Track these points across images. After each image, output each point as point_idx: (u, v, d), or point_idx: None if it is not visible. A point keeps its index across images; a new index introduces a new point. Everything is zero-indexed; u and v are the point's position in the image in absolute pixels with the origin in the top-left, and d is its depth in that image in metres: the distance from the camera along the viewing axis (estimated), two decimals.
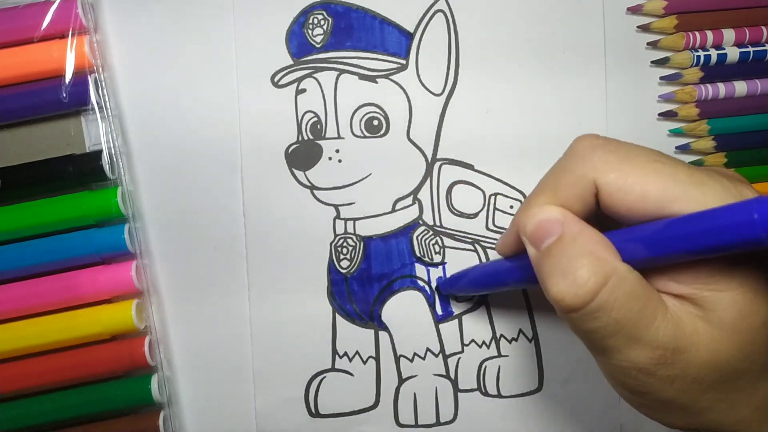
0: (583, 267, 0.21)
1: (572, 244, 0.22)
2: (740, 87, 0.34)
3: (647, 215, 0.22)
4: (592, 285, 0.21)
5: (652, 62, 0.35)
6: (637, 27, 0.34)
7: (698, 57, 0.34)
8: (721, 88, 0.34)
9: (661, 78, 0.35)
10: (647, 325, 0.21)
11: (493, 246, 0.34)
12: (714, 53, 0.34)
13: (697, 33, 0.34)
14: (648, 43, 0.34)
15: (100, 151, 0.33)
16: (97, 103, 0.33)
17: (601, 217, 0.24)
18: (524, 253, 0.24)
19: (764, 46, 0.34)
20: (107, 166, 0.33)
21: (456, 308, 0.35)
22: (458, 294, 0.34)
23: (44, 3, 0.32)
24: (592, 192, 0.23)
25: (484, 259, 0.35)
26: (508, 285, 0.28)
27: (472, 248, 0.35)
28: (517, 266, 0.27)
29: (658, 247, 0.21)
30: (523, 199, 0.34)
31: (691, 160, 0.35)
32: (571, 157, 0.24)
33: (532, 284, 0.25)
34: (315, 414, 0.35)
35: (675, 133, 0.35)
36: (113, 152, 0.33)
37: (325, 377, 0.35)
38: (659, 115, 0.35)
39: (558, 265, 0.22)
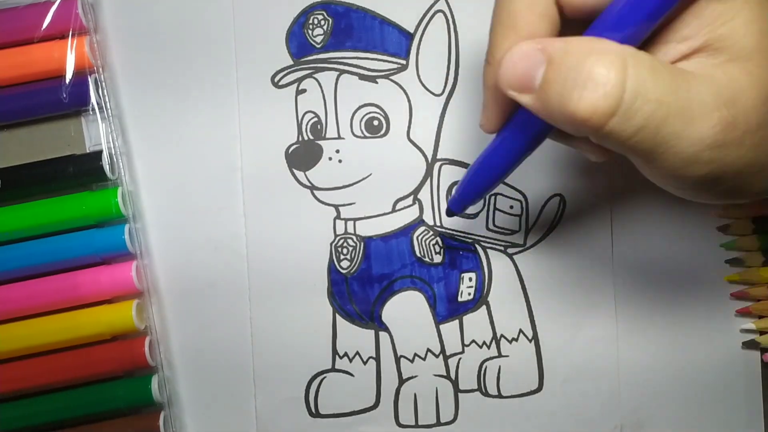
0: (595, 65, 0.19)
1: (567, 56, 0.20)
2: None
3: None
4: (615, 76, 0.19)
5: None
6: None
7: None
8: None
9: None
10: (689, 93, 0.19)
11: (493, 246, 0.34)
12: None
13: None
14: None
15: (100, 152, 0.33)
16: (97, 104, 0.33)
17: (570, 31, 0.22)
18: (516, 115, 0.22)
19: None
20: (107, 166, 0.33)
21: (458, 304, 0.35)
22: (470, 201, 0.29)
23: (44, 3, 0.32)
24: (551, 3, 0.21)
25: (484, 260, 0.34)
26: (516, 160, 0.25)
27: (473, 248, 0.35)
28: (515, 132, 0.24)
29: (647, 9, 0.19)
30: (522, 200, 0.34)
31: None
32: None
33: (539, 141, 0.23)
34: (315, 414, 0.35)
35: None
36: (113, 152, 0.33)
37: (325, 377, 0.35)
38: None
39: (567, 84, 0.19)
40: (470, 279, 0.34)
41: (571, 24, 0.22)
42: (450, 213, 0.30)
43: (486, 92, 0.24)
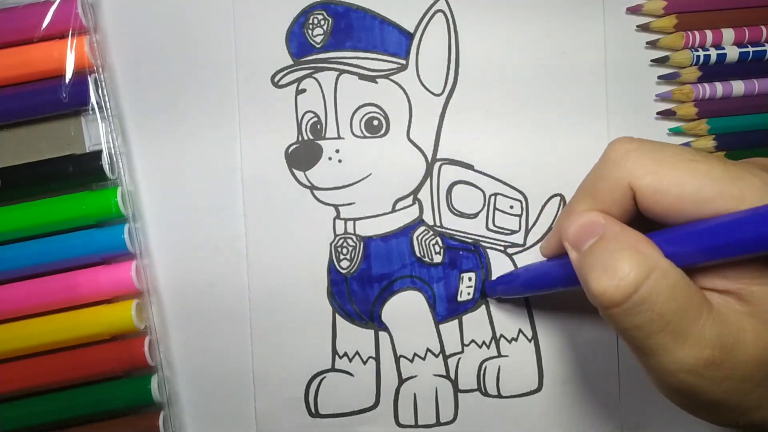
0: (624, 260, 0.21)
1: (613, 240, 0.22)
2: (738, 87, 0.34)
3: (685, 216, 0.22)
4: (633, 277, 0.21)
5: (651, 61, 0.35)
6: (637, 27, 0.34)
7: (698, 56, 0.34)
8: (719, 88, 0.34)
9: (659, 77, 0.35)
10: (693, 322, 0.21)
11: (493, 246, 0.35)
12: (714, 52, 0.34)
13: (696, 32, 0.34)
14: (647, 43, 0.34)
15: (100, 151, 0.33)
16: (97, 103, 0.33)
17: (642, 221, 0.24)
18: (566, 256, 0.25)
19: (764, 45, 0.34)
20: (107, 166, 0.33)
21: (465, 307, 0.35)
22: (503, 296, 0.34)
23: (44, 3, 0.32)
24: (629, 196, 0.23)
25: (484, 260, 0.35)
26: (553, 287, 0.29)
27: (473, 248, 0.35)
28: (560, 266, 0.27)
29: (701, 247, 0.21)
30: (522, 200, 0.34)
31: None
32: (605, 163, 0.24)
33: (575, 285, 0.25)
34: (315, 414, 0.35)
35: (674, 132, 0.35)
36: (113, 152, 0.33)
37: (325, 377, 0.35)
38: (657, 114, 0.35)
39: (599, 262, 0.22)
40: (470, 279, 0.35)
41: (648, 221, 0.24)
42: (483, 294, 0.35)
43: (555, 230, 0.28)
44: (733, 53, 0.34)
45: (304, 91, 0.34)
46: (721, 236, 0.21)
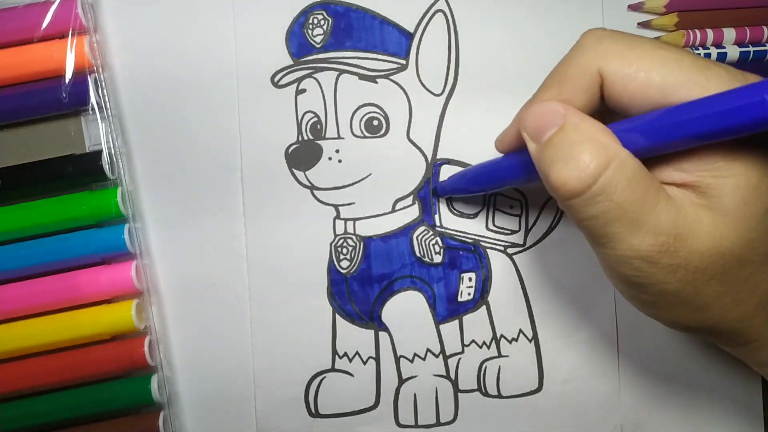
0: (584, 152, 0.21)
1: (574, 131, 0.22)
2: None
3: (651, 104, 0.22)
4: (593, 168, 0.21)
5: None
6: (638, 24, 0.34)
7: (698, 55, 0.34)
8: None
9: None
10: (649, 210, 0.21)
11: (493, 246, 0.34)
12: (714, 51, 0.34)
13: (697, 31, 0.34)
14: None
15: (100, 151, 0.33)
16: (97, 103, 0.33)
17: (605, 114, 0.24)
18: (524, 149, 0.24)
19: (765, 45, 0.34)
20: (107, 166, 0.33)
21: (456, 304, 0.35)
22: (456, 195, 0.33)
23: (44, 3, 0.32)
24: (596, 83, 0.23)
25: (484, 260, 0.34)
26: (508, 182, 0.28)
27: (473, 248, 0.34)
28: (516, 162, 0.27)
29: (662, 133, 0.21)
30: (522, 200, 0.34)
31: None
32: (576, 49, 0.24)
33: (532, 180, 0.25)
34: (315, 414, 0.35)
35: None
36: (113, 152, 0.33)
37: (325, 377, 0.35)
38: None
39: (559, 153, 0.22)
40: (470, 279, 0.34)
41: (610, 113, 0.24)
42: (435, 192, 0.34)
43: (514, 121, 0.26)
44: (733, 53, 0.34)
45: (304, 91, 0.34)
46: (679, 123, 0.21)
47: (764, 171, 0.22)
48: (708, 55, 0.34)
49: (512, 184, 0.28)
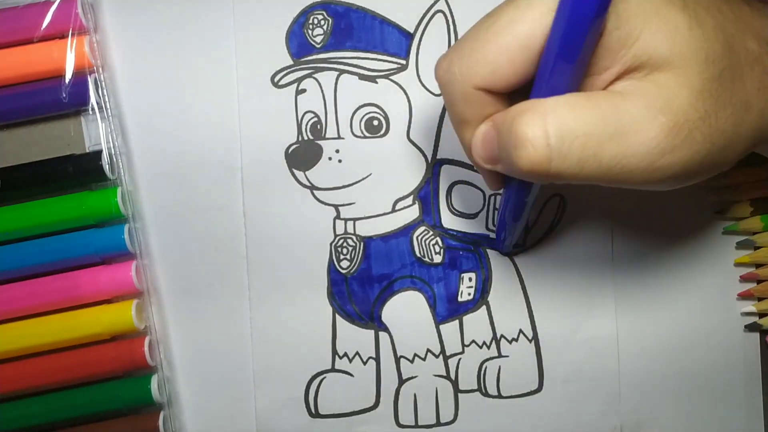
0: (519, 127, 0.21)
1: (504, 124, 0.22)
2: None
3: (531, 60, 0.22)
4: (537, 129, 0.21)
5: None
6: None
7: None
8: None
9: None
10: (618, 116, 0.21)
11: (493, 246, 0.35)
12: None
13: None
14: None
15: (100, 151, 0.33)
16: (97, 103, 0.33)
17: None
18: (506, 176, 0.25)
19: None
20: (107, 166, 0.33)
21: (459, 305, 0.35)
22: (512, 239, 0.33)
23: (44, 3, 0.32)
24: (483, 94, 0.23)
25: (484, 260, 0.34)
26: (524, 204, 0.28)
27: (472, 248, 0.34)
28: (513, 184, 0.27)
29: (565, 58, 0.21)
30: None
31: None
32: (443, 89, 0.25)
33: (532, 188, 0.26)
34: (315, 414, 0.35)
35: None
36: (113, 152, 0.33)
37: (325, 378, 0.35)
38: None
39: (509, 148, 0.22)
40: (470, 279, 0.34)
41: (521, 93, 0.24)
42: (506, 253, 0.34)
43: (478, 167, 0.26)
44: None
45: (304, 91, 0.34)
46: (564, 39, 0.20)
47: (652, 3, 0.21)
48: None
49: (528, 204, 0.28)
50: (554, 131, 0.21)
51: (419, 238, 0.34)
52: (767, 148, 0.26)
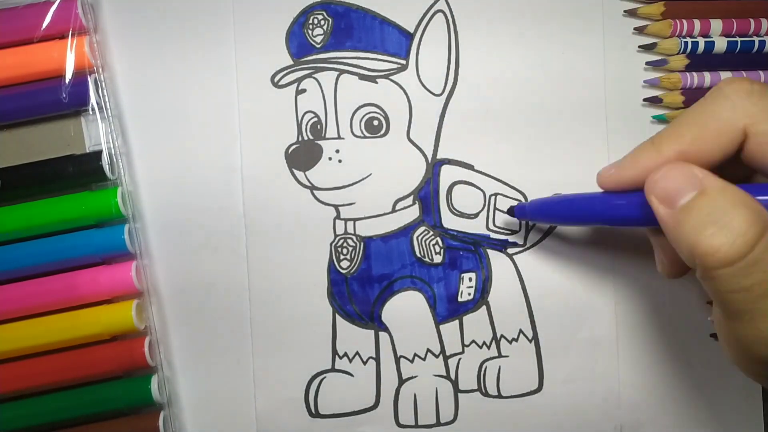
0: (739, 217, 0.20)
1: (721, 196, 0.21)
2: (726, 77, 0.34)
3: None
4: (751, 235, 0.20)
5: (639, 47, 0.34)
6: (624, 12, 0.34)
7: (686, 44, 0.34)
8: (707, 77, 0.34)
9: (647, 63, 0.35)
10: None
11: (493, 246, 0.34)
12: (701, 41, 0.34)
13: (684, 21, 0.34)
14: (635, 29, 0.34)
15: (100, 152, 0.33)
16: (97, 104, 0.33)
17: (728, 170, 0.23)
18: (634, 197, 0.23)
19: (752, 37, 0.34)
20: (107, 166, 0.33)
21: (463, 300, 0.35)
22: (536, 221, 0.32)
23: (44, 3, 0.32)
24: (738, 140, 0.22)
25: (484, 260, 0.34)
26: (609, 222, 0.27)
27: (472, 248, 0.34)
28: (632, 204, 0.25)
29: None
30: (522, 199, 0.34)
31: None
32: (718, 101, 0.22)
33: (639, 225, 0.24)
34: (315, 414, 0.35)
35: (658, 119, 0.35)
36: (113, 152, 0.33)
37: (325, 378, 0.35)
38: (644, 100, 0.35)
39: (709, 217, 0.21)
40: (470, 279, 0.34)
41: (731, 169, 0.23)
42: (511, 213, 0.32)
43: (630, 163, 0.25)
44: (721, 44, 0.34)
45: (304, 91, 0.34)
46: None
47: None
48: (695, 45, 0.34)
49: (606, 223, 0.27)
50: (760, 251, 0.20)
51: (419, 238, 0.34)
52: None
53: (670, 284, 0.35)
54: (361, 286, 0.34)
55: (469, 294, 0.34)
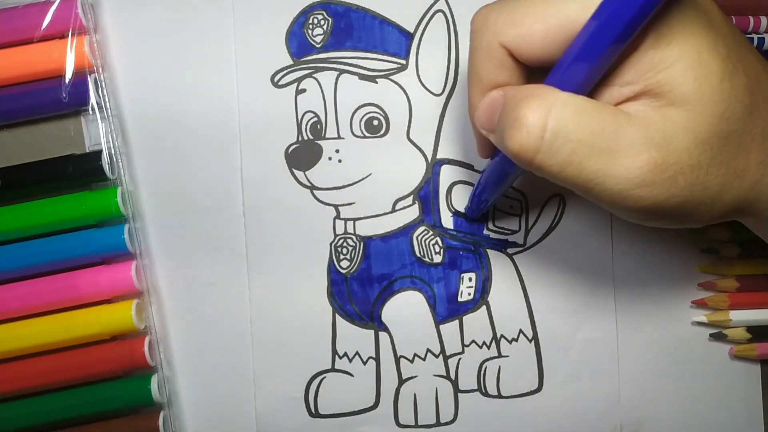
0: (521, 109, 0.22)
1: (510, 101, 0.23)
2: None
3: (562, 43, 0.22)
4: (537, 118, 0.21)
5: None
6: None
7: None
8: None
9: None
10: (615, 135, 0.21)
11: (493, 246, 0.35)
12: None
13: None
14: None
15: (100, 151, 0.33)
16: (97, 103, 0.33)
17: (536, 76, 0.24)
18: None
19: (751, 35, 0.34)
20: (107, 166, 0.33)
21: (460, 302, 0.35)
22: (480, 208, 0.33)
23: (44, 3, 0.32)
24: (506, 55, 0.24)
25: (484, 260, 0.34)
26: (504, 180, 0.28)
27: (472, 248, 0.35)
28: (501, 157, 0.27)
29: (585, 57, 0.21)
30: (522, 200, 0.34)
31: None
32: (472, 36, 0.25)
33: (516, 167, 0.26)
34: (315, 414, 0.35)
35: None
36: (113, 152, 0.33)
37: (325, 377, 0.35)
38: None
39: (506, 124, 0.22)
40: (470, 279, 0.34)
41: (541, 72, 0.24)
42: (467, 218, 0.34)
43: (474, 129, 0.27)
44: None
45: (304, 91, 0.34)
46: (593, 38, 0.21)
47: (698, 41, 0.21)
48: None
49: (509, 180, 0.28)
50: (552, 126, 0.21)
51: (419, 238, 0.34)
52: (751, 221, 0.26)
53: (670, 284, 0.35)
54: (361, 286, 0.34)
55: (469, 294, 0.35)
